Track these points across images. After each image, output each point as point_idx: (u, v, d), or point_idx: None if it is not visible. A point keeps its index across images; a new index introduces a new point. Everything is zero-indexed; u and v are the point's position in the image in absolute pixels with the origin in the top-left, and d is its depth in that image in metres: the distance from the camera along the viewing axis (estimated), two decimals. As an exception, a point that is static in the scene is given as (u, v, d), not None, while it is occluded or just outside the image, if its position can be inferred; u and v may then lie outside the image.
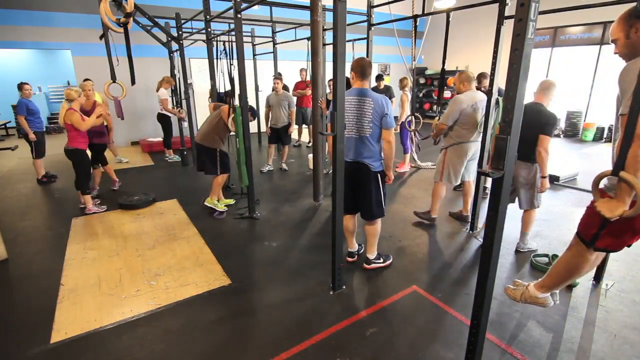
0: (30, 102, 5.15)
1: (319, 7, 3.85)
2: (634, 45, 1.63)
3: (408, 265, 3.04)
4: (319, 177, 4.49)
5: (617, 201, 1.50)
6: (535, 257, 3.03)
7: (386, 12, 4.29)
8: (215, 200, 4.21)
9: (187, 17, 5.63)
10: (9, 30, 6.73)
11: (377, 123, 2.58)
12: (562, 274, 1.96)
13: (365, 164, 2.66)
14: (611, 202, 1.52)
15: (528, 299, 2.10)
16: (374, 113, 2.55)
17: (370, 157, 2.66)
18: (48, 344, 2.17)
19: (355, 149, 2.65)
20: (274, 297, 2.65)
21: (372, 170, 2.67)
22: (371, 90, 2.62)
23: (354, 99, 2.59)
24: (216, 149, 4.07)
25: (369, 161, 2.66)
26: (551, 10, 2.87)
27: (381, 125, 2.60)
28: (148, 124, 8.24)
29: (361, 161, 2.66)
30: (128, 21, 3.40)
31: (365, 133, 2.60)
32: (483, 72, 4.25)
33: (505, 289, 2.25)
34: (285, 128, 5.74)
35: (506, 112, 1.39)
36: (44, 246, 3.49)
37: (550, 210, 4.16)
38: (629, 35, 1.62)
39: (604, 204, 1.54)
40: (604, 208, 1.52)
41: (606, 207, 1.51)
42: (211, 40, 4.46)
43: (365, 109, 2.56)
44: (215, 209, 4.15)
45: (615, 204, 1.49)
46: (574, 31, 8.82)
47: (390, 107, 2.61)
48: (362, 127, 2.60)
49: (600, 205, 1.54)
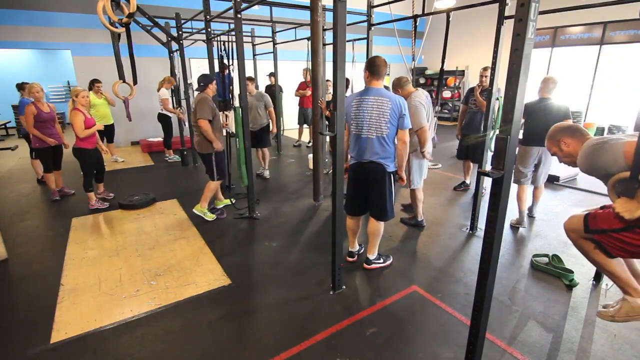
0: (31, 102, 5.16)
1: (319, 7, 3.85)
2: (571, 155, 1.85)
3: (408, 265, 3.04)
4: (319, 177, 4.49)
5: (637, 202, 1.47)
6: (535, 257, 3.03)
7: (386, 12, 4.28)
8: (205, 209, 3.99)
9: (187, 17, 5.63)
10: (9, 30, 6.73)
11: (394, 123, 2.58)
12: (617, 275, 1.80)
13: (381, 164, 2.66)
14: (631, 203, 1.49)
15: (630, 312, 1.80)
16: (392, 113, 2.55)
17: (387, 158, 2.66)
18: (48, 344, 2.17)
19: (372, 149, 2.64)
20: (274, 297, 2.65)
21: (387, 170, 2.68)
22: (387, 91, 2.62)
23: (371, 99, 2.57)
24: (210, 153, 3.87)
25: (385, 161, 2.66)
26: (551, 10, 2.87)
27: (398, 126, 2.60)
28: (148, 124, 8.24)
29: (377, 161, 2.65)
30: (130, 21, 3.40)
31: (382, 133, 2.59)
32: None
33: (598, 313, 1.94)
34: (264, 129, 5.35)
35: (506, 112, 1.39)
36: (44, 246, 3.49)
37: (550, 210, 4.16)
38: (562, 149, 1.87)
39: (623, 204, 1.51)
40: (623, 209, 1.49)
41: (625, 208, 1.48)
42: (211, 40, 4.46)
43: (384, 109, 2.55)
44: (204, 217, 3.96)
45: (636, 205, 1.47)
46: (574, 31, 8.82)
47: (407, 108, 2.62)
48: (379, 128, 2.59)
49: (619, 206, 1.51)
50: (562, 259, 2.96)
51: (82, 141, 4.10)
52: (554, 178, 5.09)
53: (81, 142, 4.11)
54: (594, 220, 1.76)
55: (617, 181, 1.55)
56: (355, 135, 2.70)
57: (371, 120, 2.59)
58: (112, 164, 6.49)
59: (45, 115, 4.36)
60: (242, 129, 3.81)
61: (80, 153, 4.16)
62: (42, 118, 4.32)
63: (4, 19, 6.64)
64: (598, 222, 1.74)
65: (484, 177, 3.27)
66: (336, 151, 2.36)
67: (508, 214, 1.67)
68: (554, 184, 5.03)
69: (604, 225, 1.70)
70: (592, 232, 1.74)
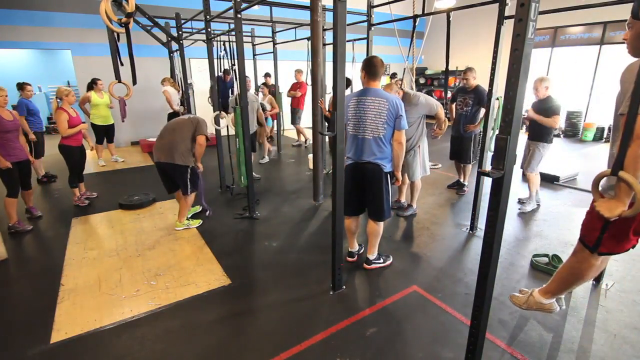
0: (31, 103, 5.15)
1: (319, 7, 3.84)
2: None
3: (408, 265, 3.04)
4: (318, 177, 4.49)
5: (616, 201, 1.49)
6: (535, 257, 3.03)
7: (386, 12, 4.28)
8: (185, 220, 3.80)
9: (187, 17, 5.62)
10: (9, 30, 6.72)
11: (391, 124, 2.58)
12: (566, 279, 1.95)
13: (378, 165, 2.65)
14: (610, 202, 1.51)
15: (533, 306, 2.10)
16: (388, 114, 2.54)
17: (384, 158, 2.66)
18: (48, 344, 2.17)
19: (369, 150, 2.64)
20: (274, 297, 2.64)
21: (384, 170, 2.67)
22: (384, 91, 2.62)
23: (368, 100, 2.57)
24: (187, 166, 3.54)
25: (382, 162, 2.66)
26: (551, 10, 2.86)
27: (394, 127, 2.60)
28: (148, 124, 8.24)
29: (374, 162, 2.65)
30: (129, 21, 3.40)
31: (379, 134, 2.59)
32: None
33: (511, 296, 2.26)
34: (255, 135, 5.05)
35: (506, 112, 1.39)
36: (44, 246, 3.49)
37: (551, 210, 4.16)
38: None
39: (603, 203, 1.53)
40: (603, 208, 1.51)
41: (605, 207, 1.51)
42: (211, 40, 4.46)
43: (381, 110, 2.55)
44: (190, 227, 3.78)
45: (615, 204, 1.49)
46: (574, 31, 8.82)
47: (403, 108, 2.60)
48: (376, 128, 2.58)
49: (599, 205, 1.54)
50: (562, 259, 2.96)
51: (66, 139, 4.20)
52: (554, 178, 5.10)
53: (65, 140, 4.21)
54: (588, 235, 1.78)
55: (600, 179, 1.56)
56: (352, 136, 2.70)
57: (368, 120, 2.59)
58: (112, 164, 6.49)
59: (9, 125, 3.54)
60: (242, 129, 3.81)
61: (64, 150, 4.25)
62: (4, 128, 3.49)
63: (4, 19, 6.64)
64: (591, 233, 1.75)
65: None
66: (336, 151, 2.36)
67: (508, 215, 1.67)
68: (554, 184, 5.03)
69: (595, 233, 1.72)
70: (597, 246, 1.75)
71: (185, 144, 3.51)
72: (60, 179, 5.58)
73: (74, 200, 4.51)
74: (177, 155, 3.47)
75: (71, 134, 4.15)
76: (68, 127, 4.11)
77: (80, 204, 4.47)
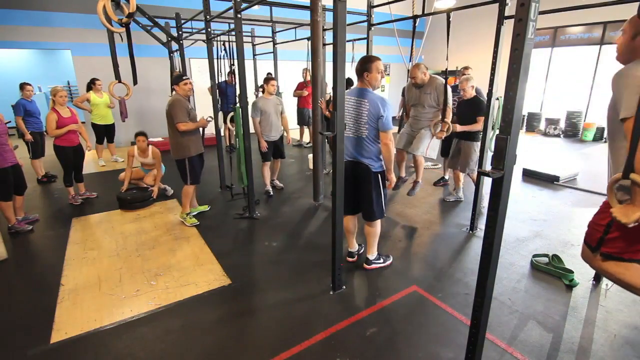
0: (29, 103, 5.15)
1: (319, 7, 3.85)
2: (635, 50, 1.58)
3: (408, 265, 3.04)
4: (318, 177, 4.49)
5: (633, 206, 1.44)
6: (535, 257, 3.03)
7: (386, 12, 4.29)
8: (185, 214, 3.89)
9: (187, 17, 5.62)
10: (9, 30, 6.72)
11: (373, 125, 2.57)
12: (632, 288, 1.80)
13: (365, 164, 2.65)
14: (627, 207, 1.47)
15: None
16: (369, 114, 2.54)
17: (369, 157, 2.65)
18: (48, 344, 2.17)
19: (354, 148, 2.65)
20: (274, 297, 2.65)
21: (372, 170, 2.66)
22: (371, 91, 2.60)
23: (352, 99, 2.59)
24: (184, 159, 3.65)
25: (368, 161, 2.65)
26: (551, 10, 2.86)
27: (377, 127, 2.58)
28: (148, 124, 8.23)
29: (361, 161, 2.66)
30: (130, 21, 3.40)
31: (362, 134, 2.60)
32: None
33: None
34: (282, 138, 4.80)
35: (506, 112, 1.39)
36: (44, 246, 3.49)
37: (550, 210, 4.16)
38: (635, 37, 1.57)
39: (620, 209, 1.49)
40: (619, 214, 1.47)
41: (622, 213, 1.46)
42: (211, 40, 4.46)
43: (362, 110, 2.55)
44: (185, 223, 3.84)
45: (632, 209, 1.44)
46: (574, 31, 8.82)
47: (387, 109, 2.55)
48: (359, 128, 2.59)
49: (616, 212, 1.49)
50: (562, 259, 2.96)
51: (57, 139, 4.22)
52: (554, 178, 5.10)
53: (57, 141, 4.24)
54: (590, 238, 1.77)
55: (614, 184, 1.54)
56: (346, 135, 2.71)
57: (351, 120, 2.60)
58: (112, 163, 6.49)
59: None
60: (242, 129, 3.81)
61: (57, 151, 4.29)
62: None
63: (4, 19, 6.64)
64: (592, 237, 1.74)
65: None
66: (336, 151, 2.36)
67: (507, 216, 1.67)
68: (554, 184, 5.03)
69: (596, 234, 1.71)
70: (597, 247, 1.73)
71: (175, 138, 3.62)
72: (60, 179, 5.57)
73: (68, 199, 4.54)
74: (173, 150, 3.69)
75: (58, 134, 4.14)
76: (56, 128, 4.11)
77: (73, 203, 4.49)
